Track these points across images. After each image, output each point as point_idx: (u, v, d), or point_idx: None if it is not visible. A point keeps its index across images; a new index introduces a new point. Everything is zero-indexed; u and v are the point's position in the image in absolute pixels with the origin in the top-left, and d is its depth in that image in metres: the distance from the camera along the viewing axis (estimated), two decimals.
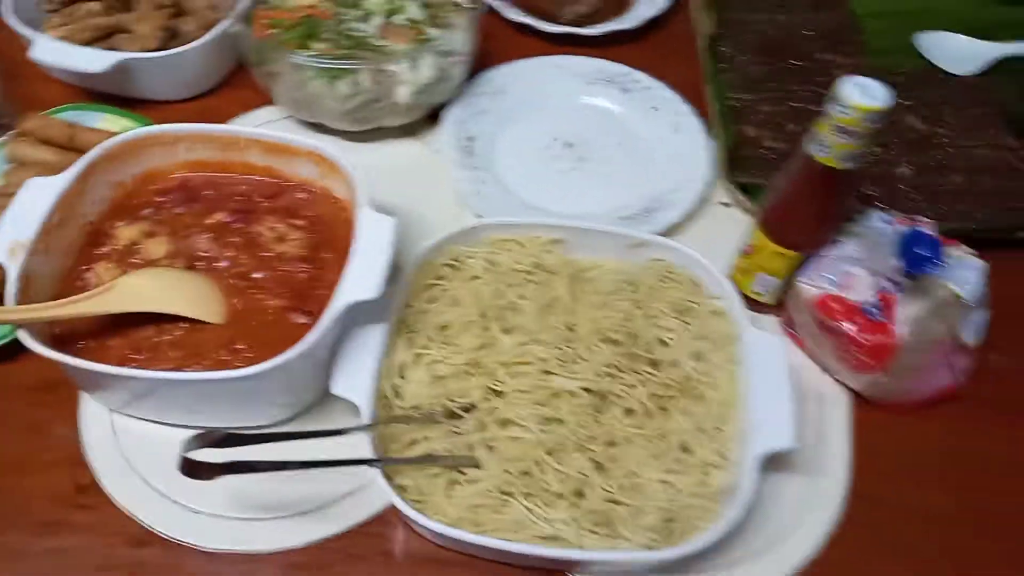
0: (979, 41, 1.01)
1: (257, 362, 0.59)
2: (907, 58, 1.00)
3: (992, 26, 1.02)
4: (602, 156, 0.90)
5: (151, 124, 0.76)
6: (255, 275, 0.69)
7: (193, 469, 0.53)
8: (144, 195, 0.73)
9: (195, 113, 0.89)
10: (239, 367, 0.60)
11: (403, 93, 0.84)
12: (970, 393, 0.74)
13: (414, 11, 0.87)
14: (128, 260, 0.69)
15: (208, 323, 0.66)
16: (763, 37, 0.98)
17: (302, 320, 0.66)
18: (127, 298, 0.64)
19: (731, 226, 0.82)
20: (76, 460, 0.66)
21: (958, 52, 1.01)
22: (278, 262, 0.69)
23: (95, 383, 0.63)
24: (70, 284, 0.67)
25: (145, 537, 0.63)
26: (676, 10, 1.04)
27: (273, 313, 0.67)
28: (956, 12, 1.05)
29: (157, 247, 0.69)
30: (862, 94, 0.59)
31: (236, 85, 0.93)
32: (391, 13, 0.87)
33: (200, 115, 0.88)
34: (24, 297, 0.61)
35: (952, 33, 1.02)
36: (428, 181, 0.87)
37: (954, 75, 0.98)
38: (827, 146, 0.63)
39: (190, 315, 0.65)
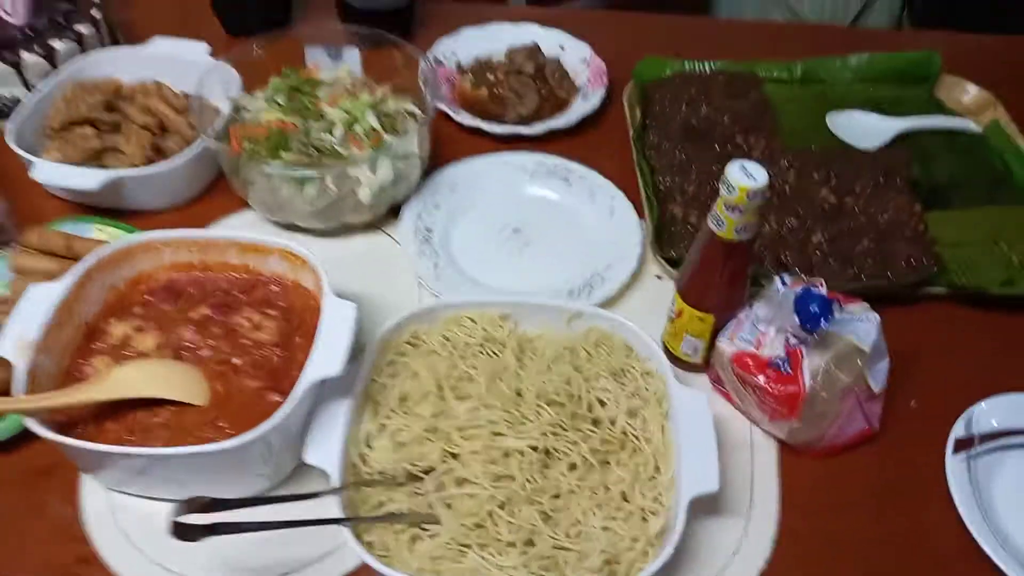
0: (882, 118, 1.13)
1: None
2: (818, 137, 1.12)
3: (888, 103, 1.15)
4: (546, 239, 1.00)
5: (139, 232, 0.86)
6: (235, 361, 0.77)
7: (181, 531, 0.61)
8: (135, 295, 0.82)
9: (180, 220, 0.99)
10: None
11: (365, 193, 0.95)
12: (884, 434, 0.83)
13: (372, 120, 0.98)
14: (121, 353, 0.77)
15: (193, 405, 0.74)
16: (686, 126, 1.09)
17: (277, 399, 0.74)
18: (120, 386, 0.72)
19: (663, 296, 0.91)
20: (76, 536, 0.73)
21: (864, 129, 1.13)
22: (255, 348, 0.78)
23: (95, 463, 0.71)
24: (70, 376, 0.75)
25: None
26: (608, 107, 1.16)
27: (252, 394, 0.75)
28: (858, 93, 1.18)
29: (146, 340, 0.78)
30: (743, 174, 0.69)
31: (217, 192, 1.03)
32: (351, 123, 0.97)
33: (185, 221, 0.98)
34: (31, 389, 0.70)
35: (858, 112, 1.15)
36: (391, 268, 0.96)
37: (861, 149, 1.10)
38: (723, 221, 0.73)
39: (177, 399, 0.73)
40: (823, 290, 0.74)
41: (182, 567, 0.71)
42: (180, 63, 1.09)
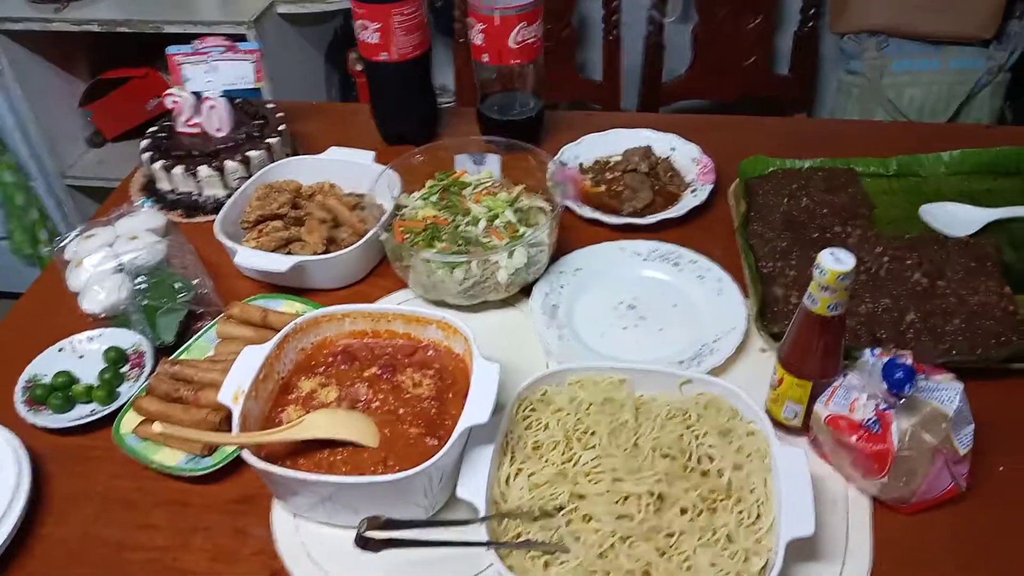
0: (972, 207, 1.22)
1: None
2: (911, 225, 1.21)
3: (980, 194, 1.23)
4: (659, 315, 1.14)
5: (319, 307, 1.05)
6: (400, 411, 0.93)
7: (365, 543, 0.76)
8: (319, 357, 1.00)
9: (349, 297, 1.18)
10: None
11: (503, 276, 1.11)
12: (973, 494, 0.90)
13: (509, 215, 1.15)
14: (309, 403, 0.95)
15: (367, 446, 0.90)
16: (787, 216, 1.21)
17: (434, 443, 0.89)
18: (313, 429, 0.89)
19: (766, 367, 1.02)
20: (271, 553, 0.89)
21: (954, 218, 1.21)
22: (415, 401, 0.94)
23: (292, 489, 0.87)
24: (270, 421, 0.93)
25: None
26: (715, 200, 1.30)
27: (413, 438, 0.90)
28: (951, 186, 1.27)
29: (329, 394, 0.96)
30: (833, 260, 0.82)
31: (379, 275, 1.22)
32: (493, 217, 1.15)
33: (352, 299, 1.16)
34: (243, 429, 0.88)
35: (949, 203, 1.24)
36: (523, 339, 1.11)
37: (952, 236, 1.19)
38: (817, 300, 0.85)
39: (355, 440, 0.90)
40: (908, 359, 0.85)
41: None
42: (350, 168, 1.31)
